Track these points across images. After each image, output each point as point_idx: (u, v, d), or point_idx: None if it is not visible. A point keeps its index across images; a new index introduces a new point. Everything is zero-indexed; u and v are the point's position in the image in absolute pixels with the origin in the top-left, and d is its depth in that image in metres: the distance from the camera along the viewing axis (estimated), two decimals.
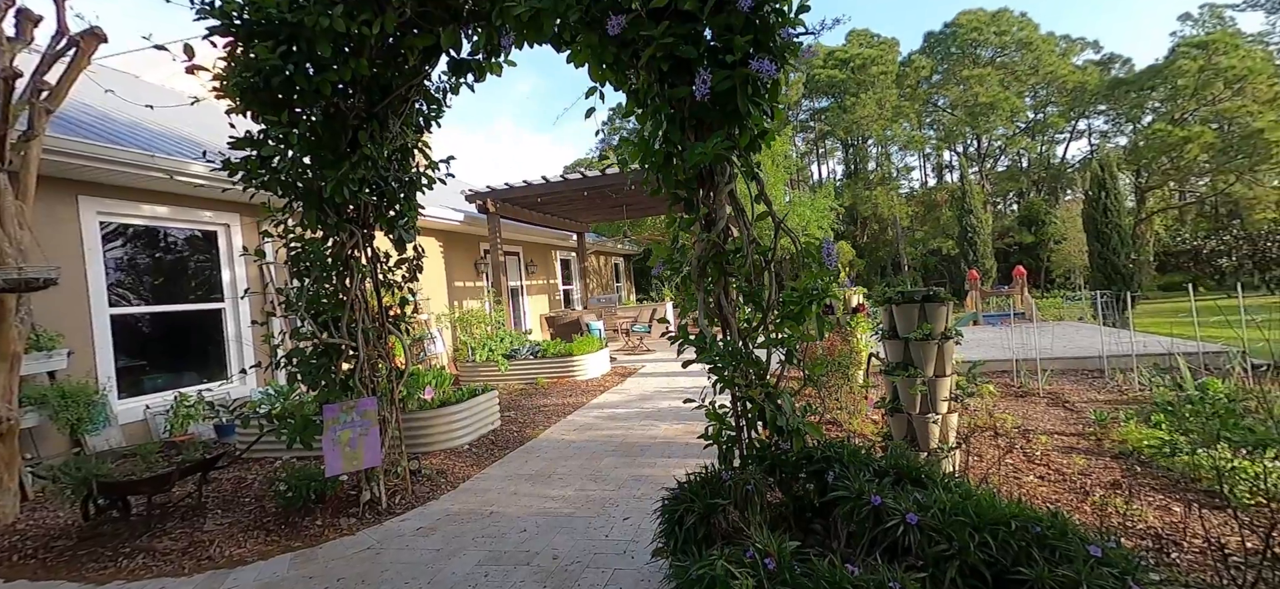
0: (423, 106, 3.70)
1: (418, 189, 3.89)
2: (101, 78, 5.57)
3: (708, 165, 2.37)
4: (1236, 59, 23.46)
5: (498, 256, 10.49)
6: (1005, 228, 29.00)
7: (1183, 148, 23.50)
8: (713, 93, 2.20)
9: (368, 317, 3.62)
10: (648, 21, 2.21)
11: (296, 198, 3.33)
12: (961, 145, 36.91)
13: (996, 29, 33.57)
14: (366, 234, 3.67)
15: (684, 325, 2.69)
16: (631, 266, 24.13)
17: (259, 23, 2.90)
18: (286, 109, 3.10)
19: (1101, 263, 14.36)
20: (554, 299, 15.64)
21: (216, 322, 6.13)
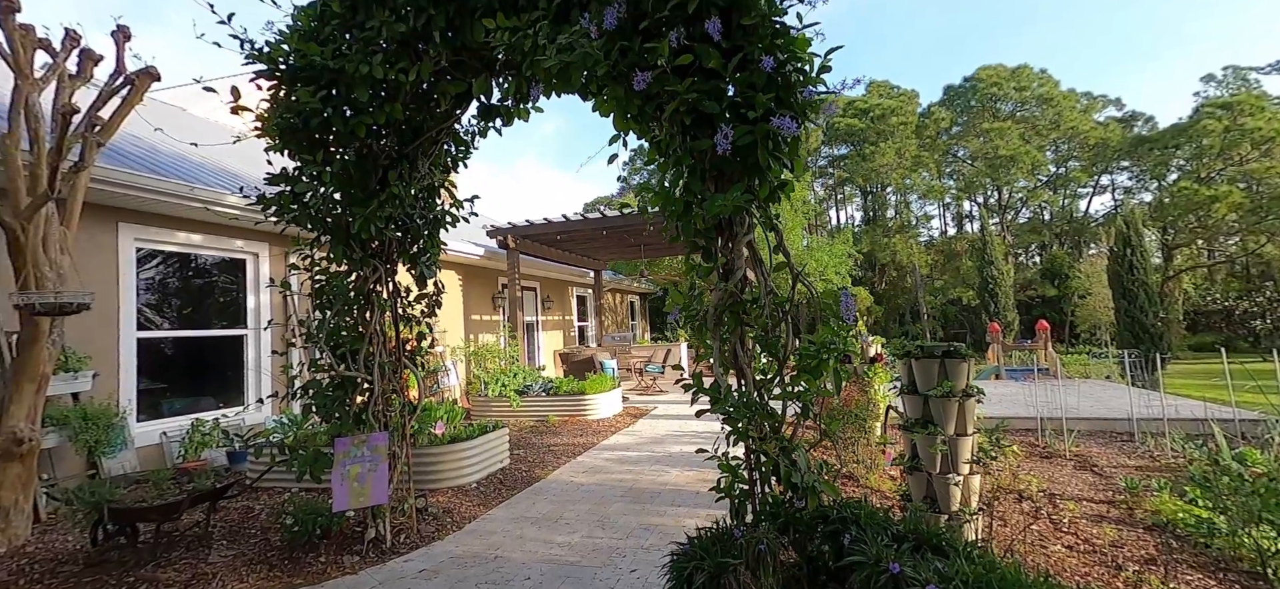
0: (451, 148, 3.82)
1: (441, 227, 3.99)
2: (150, 109, 5.86)
3: (727, 215, 2.39)
4: (1263, 120, 23.26)
5: (515, 292, 10.59)
6: (1027, 280, 28.55)
7: (1210, 207, 23.12)
8: (734, 147, 2.24)
9: (385, 350, 3.66)
10: (672, 77, 2.27)
11: (325, 232, 3.43)
12: (982, 196, 36.77)
13: (1016, 85, 33.84)
14: (389, 269, 3.75)
15: (698, 373, 2.67)
16: (647, 305, 24.17)
17: (302, 68, 3.06)
18: (322, 149, 3.22)
19: (1128, 321, 13.95)
20: (569, 335, 15.67)
21: (237, 348, 6.24)
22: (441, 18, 2.83)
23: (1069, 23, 51.19)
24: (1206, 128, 24.71)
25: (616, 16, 2.21)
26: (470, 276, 11.12)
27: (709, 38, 2.19)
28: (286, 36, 3.14)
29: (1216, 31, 48.11)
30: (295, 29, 3.09)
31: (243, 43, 3.14)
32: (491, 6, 2.70)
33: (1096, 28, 50.91)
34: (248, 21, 3.03)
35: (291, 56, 3.13)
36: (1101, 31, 50.86)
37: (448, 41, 2.94)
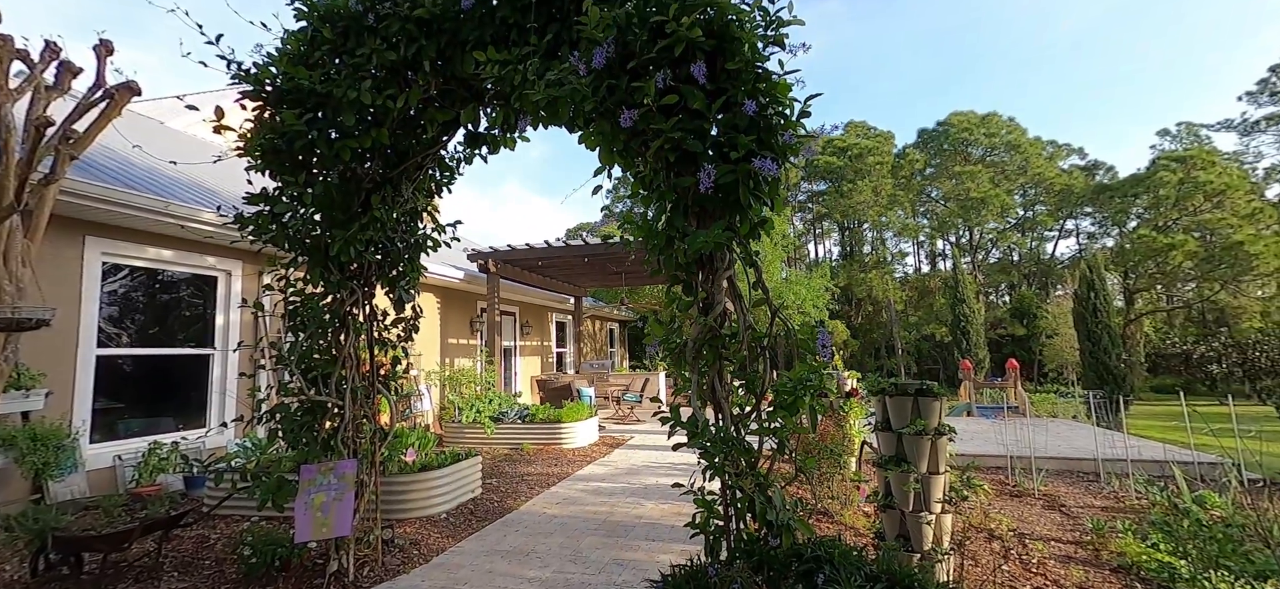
0: (436, 173, 3.82)
1: (422, 251, 3.96)
2: (128, 122, 5.76)
3: (708, 251, 2.43)
4: (1214, 174, 24.62)
5: (494, 316, 10.50)
6: (997, 318, 29.34)
7: (1167, 254, 24.21)
8: (716, 185, 2.30)
9: (358, 374, 3.58)
10: (658, 115, 2.33)
11: (302, 253, 3.38)
12: (954, 235, 37.93)
13: (986, 131, 35.30)
14: (367, 292, 3.70)
15: (676, 406, 2.68)
16: (626, 333, 24.12)
17: (289, 91, 3.05)
18: (305, 170, 3.20)
19: (1093, 362, 14.46)
20: (547, 361, 15.53)
21: (203, 368, 6.03)
22: (432, 48, 2.87)
23: (1035, 74, 53.91)
24: (1162, 179, 26.03)
25: (605, 57, 2.28)
26: (449, 300, 11.00)
27: (694, 80, 2.26)
28: (275, 59, 3.14)
29: (1171, 89, 51.14)
30: (284, 52, 3.10)
31: (230, 63, 3.14)
32: (483, 40, 2.75)
33: (1060, 80, 53.69)
34: (236, 42, 3.03)
35: (279, 79, 3.13)
36: (1065, 83, 53.65)
37: (437, 71, 2.98)
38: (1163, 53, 50.61)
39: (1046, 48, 53.33)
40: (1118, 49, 51.54)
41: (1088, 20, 50.96)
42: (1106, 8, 49.78)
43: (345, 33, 3.09)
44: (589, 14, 2.31)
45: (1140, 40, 50.48)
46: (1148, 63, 51.54)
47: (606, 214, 39.85)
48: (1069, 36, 52.19)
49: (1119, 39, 51.04)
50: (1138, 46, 51.03)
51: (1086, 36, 51.60)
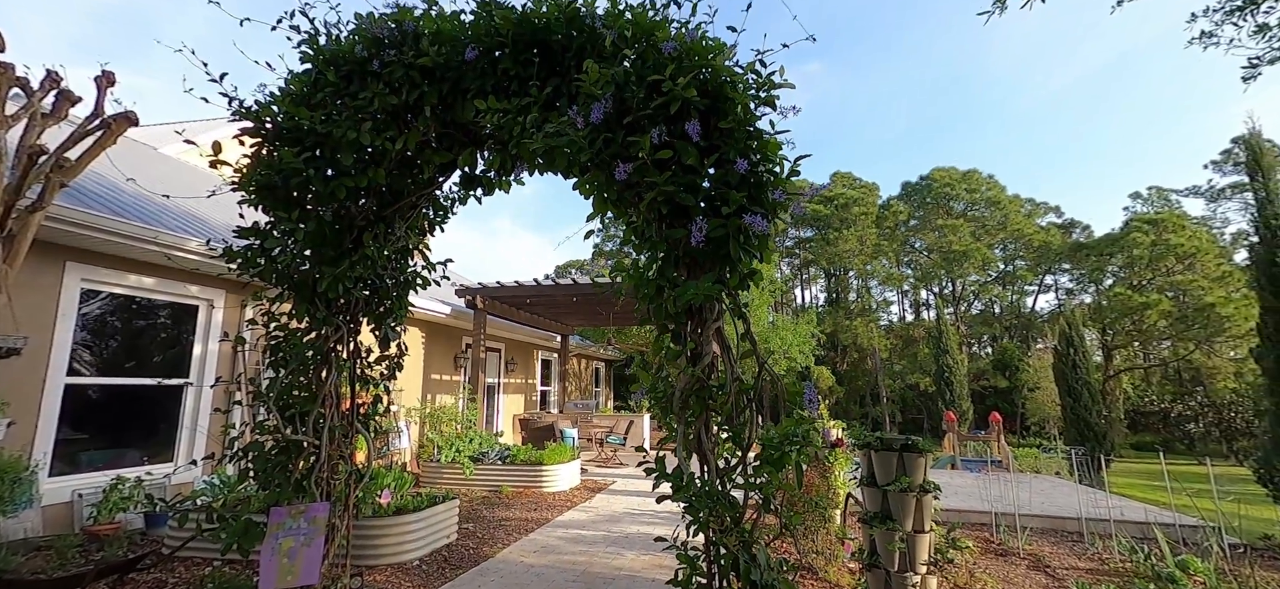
0: (430, 212, 3.84)
1: (412, 288, 3.94)
2: (121, 148, 5.75)
3: (698, 302, 2.46)
4: (1184, 237, 25.54)
5: (479, 353, 10.39)
6: (980, 370, 29.64)
7: (1143, 312, 24.82)
8: (707, 237, 2.35)
9: (337, 413, 3.51)
10: (652, 169, 2.39)
11: (290, 288, 3.35)
12: (937, 286, 38.62)
13: (967, 187, 36.44)
14: (352, 328, 3.66)
15: (661, 457, 2.65)
16: (612, 373, 23.95)
17: (290, 130, 3.08)
18: (298, 207, 3.20)
19: (1074, 418, 14.61)
20: (531, 399, 15.31)
21: (175, 400, 5.85)
22: (434, 95, 2.94)
23: (1012, 134, 56.16)
24: (1136, 240, 26.92)
25: (603, 111, 2.34)
26: (434, 335, 10.88)
27: (688, 136, 2.34)
28: (277, 99, 3.19)
29: (1141, 155, 53.49)
30: (287, 93, 3.14)
31: (231, 100, 3.17)
32: (484, 89, 2.82)
33: (1036, 141, 55.93)
34: (239, 76, 3.08)
35: (280, 117, 3.16)
36: (1040, 144, 55.89)
37: (437, 116, 3.03)
38: (1132, 120, 53.21)
39: (1021, 111, 55.80)
40: (1089, 114, 54.09)
41: (1061, 86, 53.56)
42: (1077, 77, 52.40)
43: (349, 76, 3.15)
44: (588, 71, 2.39)
45: (1110, 108, 53.09)
46: (1118, 129, 54.10)
47: (597, 253, 40.10)
48: (1044, 101, 54.71)
49: (1090, 105, 53.61)
50: (1108, 113, 53.62)
51: (1060, 101, 54.13)
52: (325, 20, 3.14)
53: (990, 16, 3.01)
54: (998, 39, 54.75)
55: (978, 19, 3.22)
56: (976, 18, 3.23)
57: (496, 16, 2.76)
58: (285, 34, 3.14)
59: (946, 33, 53.51)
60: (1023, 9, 3.03)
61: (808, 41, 2.56)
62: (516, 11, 2.73)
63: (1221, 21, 4.10)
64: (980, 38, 55.82)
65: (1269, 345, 7.41)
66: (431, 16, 2.92)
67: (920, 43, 54.60)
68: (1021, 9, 2.97)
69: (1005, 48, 54.89)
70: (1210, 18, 4.14)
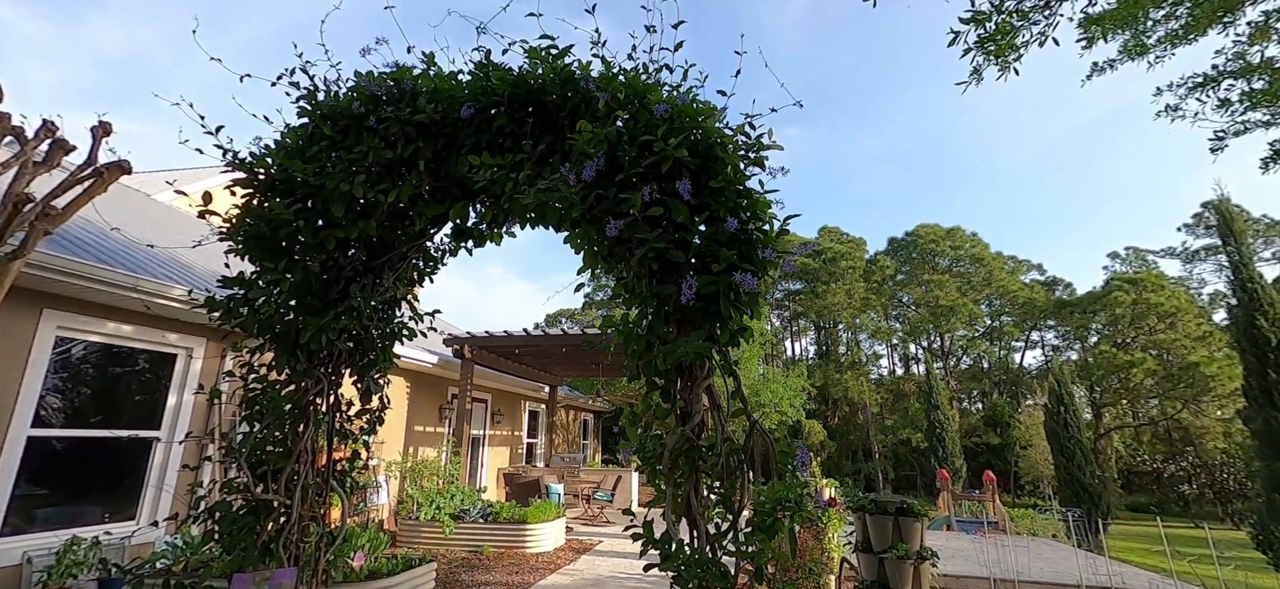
0: (419, 263, 3.83)
1: (398, 339, 3.88)
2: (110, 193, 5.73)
3: (688, 360, 2.43)
4: (1164, 297, 26.10)
5: (465, 404, 10.18)
6: (972, 426, 29.49)
7: (1129, 371, 25.04)
8: (698, 295, 2.34)
9: (312, 470, 3.37)
10: (642, 226, 2.41)
11: (271, 339, 3.27)
12: (926, 340, 38.86)
13: (952, 243, 37.27)
14: (334, 380, 3.56)
15: (649, 522, 2.55)
16: (600, 425, 23.50)
17: (282, 180, 3.09)
18: (286, 257, 3.17)
19: (1067, 477, 14.43)
20: (516, 452, 14.92)
21: (143, 454, 5.58)
22: (429, 150, 2.97)
23: (991, 194, 58.00)
24: (1117, 299, 27.47)
25: (595, 169, 2.37)
26: (419, 385, 10.67)
27: (679, 194, 2.36)
28: (271, 151, 3.21)
29: (1118, 214, 55.33)
30: (282, 145, 3.17)
31: (226, 152, 3.19)
32: (478, 145, 2.87)
33: (1016, 200, 57.75)
34: (235, 127, 3.11)
35: (273, 169, 3.18)
36: (1021, 203, 57.69)
37: (431, 170, 3.06)
38: (1107, 182, 55.31)
39: (999, 172, 57.88)
40: (1065, 176, 56.20)
41: (1035, 150, 55.83)
42: (1051, 141, 54.72)
43: (345, 130, 3.19)
44: (582, 130, 2.43)
45: (1085, 171, 55.27)
46: (1094, 191, 56.14)
47: (588, 303, 40.11)
48: (1020, 163, 56.87)
49: (1065, 168, 55.79)
50: (1083, 175, 55.76)
51: (1036, 163, 56.28)
52: (325, 77, 3.20)
53: (967, 87, 3.15)
54: (974, 104, 57.36)
55: (953, 85, 3.36)
56: (951, 84, 3.37)
57: (494, 77, 2.83)
58: (284, 89, 3.19)
59: (924, 97, 55.99)
60: (999, 80, 3.17)
61: (794, 107, 2.63)
62: (513, 73, 2.81)
63: (1185, 96, 4.32)
64: (957, 102, 58.47)
65: (1256, 408, 7.45)
66: (429, 76, 2.99)
67: (900, 106, 57.07)
68: (996, 80, 3.12)
69: (982, 112, 57.51)
70: (1175, 92, 4.36)
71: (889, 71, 53.63)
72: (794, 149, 58.03)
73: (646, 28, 2.84)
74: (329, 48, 3.14)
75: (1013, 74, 3.15)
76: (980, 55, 3.05)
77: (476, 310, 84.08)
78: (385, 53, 3.03)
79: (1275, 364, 7.01)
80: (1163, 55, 4.18)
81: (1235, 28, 3.90)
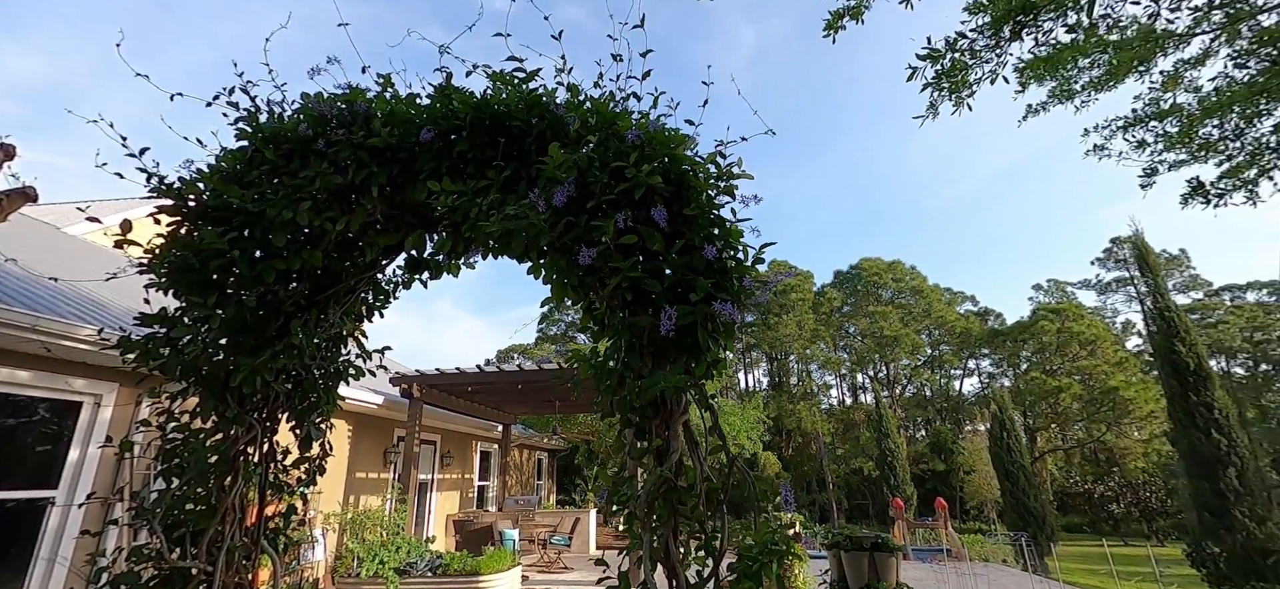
0: (369, 296, 3.57)
1: (343, 379, 3.57)
2: (15, 226, 5.14)
3: (670, 394, 2.31)
4: (1084, 326, 28.15)
5: (412, 447, 9.60)
6: (919, 453, 30.44)
7: (1058, 396, 26.65)
8: (676, 326, 2.24)
9: (240, 530, 2.99)
10: (616, 254, 2.30)
11: (196, 382, 2.93)
12: (872, 369, 40.20)
13: (893, 276, 39.11)
14: (268, 427, 3.22)
15: (625, 573, 2.37)
16: (555, 463, 22.79)
17: (215, 207, 2.82)
18: (217, 291, 2.87)
19: (1012, 501, 14.97)
20: (467, 496, 14.17)
21: (34, 520, 4.85)
22: (383, 175, 2.78)
23: (930, 228, 61.67)
24: (1044, 328, 29.41)
25: (566, 195, 2.27)
26: (363, 428, 10.01)
27: (654, 222, 2.28)
28: (204, 175, 2.92)
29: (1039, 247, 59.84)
30: (217, 169, 2.90)
31: (151, 176, 2.89)
32: (438, 171, 2.71)
33: (950, 234, 61.59)
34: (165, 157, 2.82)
35: (206, 194, 2.90)
36: (951, 239, 61.57)
37: (385, 197, 2.87)
38: (1027, 218, 59.93)
39: (934, 209, 61.81)
40: (990, 215, 60.56)
41: (967, 190, 60.03)
42: (980, 180, 59.01)
43: (289, 154, 2.96)
44: (553, 154, 2.33)
45: (1008, 207, 59.78)
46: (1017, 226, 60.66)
47: (542, 337, 39.37)
48: (951, 202, 60.96)
49: (990, 207, 60.20)
50: (1007, 211, 60.26)
51: (965, 202, 60.44)
52: (269, 99, 2.97)
53: (924, 120, 3.29)
54: (912, 146, 61.45)
55: (893, 128, 3.51)
56: (891, 127, 3.51)
57: (456, 101, 2.70)
58: (222, 111, 2.94)
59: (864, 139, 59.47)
60: (953, 114, 3.32)
61: (748, 143, 2.63)
62: (476, 97, 2.69)
63: (1110, 136, 4.68)
64: (896, 145, 62.42)
65: (1181, 430, 7.97)
66: (385, 99, 2.83)
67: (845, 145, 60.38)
68: (951, 115, 3.28)
69: (918, 153, 61.63)
70: (1100, 133, 4.71)
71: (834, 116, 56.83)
72: (744, 186, 60.84)
73: (613, 56, 2.80)
74: (274, 69, 2.93)
75: (966, 109, 3.31)
76: (936, 92, 3.20)
77: (425, 348, 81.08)
78: (336, 74, 2.85)
79: (1195, 388, 7.57)
80: (1088, 100, 4.52)
81: (1150, 75, 4.26)
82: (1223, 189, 4.03)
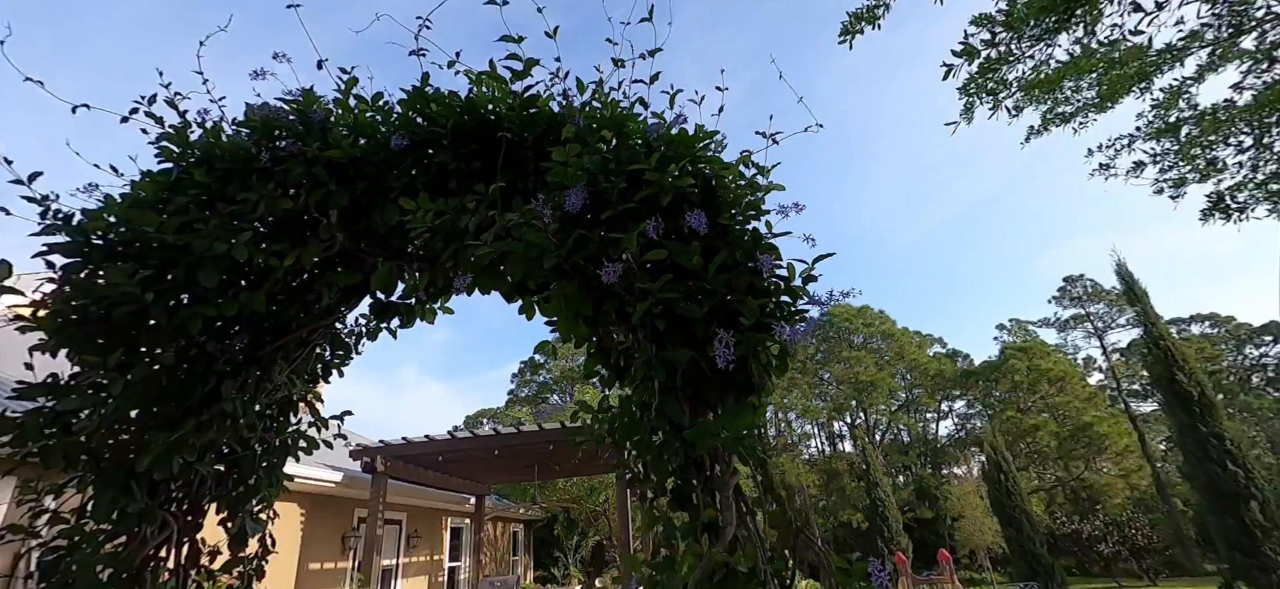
0: (326, 351, 2.98)
1: (291, 454, 2.92)
2: None
3: (712, 448, 1.81)
4: (1051, 363, 28.74)
5: (376, 529, 8.57)
6: (904, 501, 29.87)
7: (1034, 434, 26.79)
8: (712, 357, 1.78)
9: None
10: (641, 275, 1.85)
11: (92, 469, 2.26)
12: (849, 417, 39.96)
13: (864, 321, 39.58)
14: (191, 521, 2.54)
15: None
16: (532, 535, 21.29)
17: (125, 242, 2.25)
18: (125, 347, 2.25)
19: (1018, 549, 14.06)
20: (437, 580, 12.86)
21: None
22: (344, 196, 2.28)
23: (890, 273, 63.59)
24: (1014, 366, 29.88)
25: (582, 198, 1.82)
26: (318, 510, 8.95)
27: (692, 232, 1.85)
28: (112, 204, 2.36)
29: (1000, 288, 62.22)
30: (131, 197, 2.34)
31: (45, 207, 2.31)
32: (412, 187, 2.23)
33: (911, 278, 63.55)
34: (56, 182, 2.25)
35: (118, 228, 2.33)
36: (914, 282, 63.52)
37: (347, 223, 2.35)
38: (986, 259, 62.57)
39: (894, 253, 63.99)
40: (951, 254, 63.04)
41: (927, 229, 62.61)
42: (938, 221, 61.66)
43: (226, 177, 2.44)
44: (567, 147, 1.90)
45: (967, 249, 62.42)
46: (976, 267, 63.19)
47: (513, 399, 37.90)
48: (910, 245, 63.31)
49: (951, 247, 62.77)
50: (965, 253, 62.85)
51: (925, 243, 62.83)
52: (201, 110, 2.47)
53: (956, 127, 3.05)
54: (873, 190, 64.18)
55: (851, 169, 3.25)
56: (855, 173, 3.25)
57: (434, 105, 2.26)
58: (141, 125, 2.42)
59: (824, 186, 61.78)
60: (990, 118, 3.10)
61: (813, 129, 2.26)
62: (460, 99, 2.26)
63: (1114, 156, 4.57)
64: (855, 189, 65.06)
65: (1196, 464, 7.73)
66: (348, 104, 2.36)
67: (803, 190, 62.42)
68: (988, 118, 3.07)
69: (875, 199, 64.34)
70: (1103, 152, 4.60)
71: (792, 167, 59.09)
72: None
73: (614, 61, 2.44)
74: (208, 77, 2.45)
75: (1004, 113, 3.09)
76: (966, 97, 2.98)
77: (388, 417, 77.38)
78: (287, 77, 2.37)
79: (1202, 418, 7.40)
80: (1085, 122, 4.41)
81: (1150, 92, 4.18)
82: (1243, 203, 3.93)
